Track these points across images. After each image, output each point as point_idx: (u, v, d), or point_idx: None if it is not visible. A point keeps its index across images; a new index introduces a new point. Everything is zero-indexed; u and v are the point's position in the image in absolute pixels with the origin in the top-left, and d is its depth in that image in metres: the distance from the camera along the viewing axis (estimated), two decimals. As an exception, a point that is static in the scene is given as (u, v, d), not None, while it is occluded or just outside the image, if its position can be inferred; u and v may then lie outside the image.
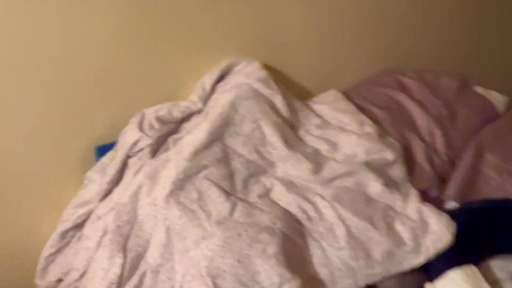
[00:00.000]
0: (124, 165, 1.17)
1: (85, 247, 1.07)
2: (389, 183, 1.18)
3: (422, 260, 1.05)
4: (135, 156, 1.18)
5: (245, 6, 1.29)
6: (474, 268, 1.04)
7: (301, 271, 1.00)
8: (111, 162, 1.19)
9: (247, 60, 1.33)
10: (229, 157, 1.16)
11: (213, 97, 1.28)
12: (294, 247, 1.03)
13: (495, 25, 1.74)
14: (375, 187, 1.15)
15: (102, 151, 1.24)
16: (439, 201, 1.23)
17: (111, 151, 1.23)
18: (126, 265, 1.00)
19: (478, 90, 1.52)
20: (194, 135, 1.15)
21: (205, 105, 1.28)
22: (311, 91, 1.50)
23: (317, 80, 1.50)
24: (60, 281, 1.13)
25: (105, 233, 1.05)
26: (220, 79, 1.31)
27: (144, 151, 1.17)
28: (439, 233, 1.07)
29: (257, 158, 1.18)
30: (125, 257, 1.00)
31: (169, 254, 1.02)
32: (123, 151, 1.17)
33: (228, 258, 0.95)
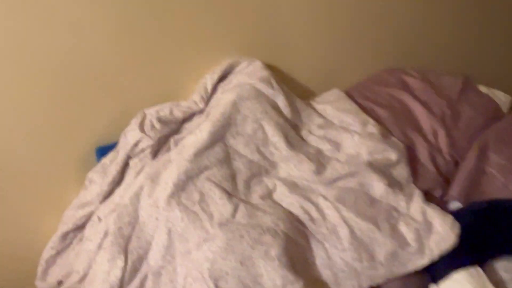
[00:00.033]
0: (125, 166, 1.17)
1: (86, 249, 1.07)
2: (392, 183, 1.17)
3: (426, 261, 1.04)
4: (136, 157, 1.17)
5: (246, 5, 1.28)
6: (478, 269, 1.03)
7: (304, 272, 0.99)
8: (112, 163, 1.18)
9: (248, 59, 1.32)
10: (231, 158, 1.15)
11: (214, 97, 1.27)
12: (297, 248, 1.02)
13: (497, 23, 1.73)
14: (378, 187, 1.14)
15: (103, 152, 1.24)
16: (443, 202, 1.22)
17: (112, 152, 1.22)
18: (127, 268, 0.99)
19: (481, 89, 1.51)
20: (195, 135, 1.14)
21: (206, 105, 1.27)
22: (313, 90, 1.49)
23: (318, 79, 1.49)
24: (60, 283, 1.13)
25: (106, 235, 1.05)
26: (221, 78, 1.31)
27: (145, 152, 1.17)
28: (443, 234, 1.06)
29: (259, 158, 1.18)
30: (126, 259, 1.00)
31: (170, 256, 1.01)
32: (124, 152, 1.17)
33: (230, 260, 0.95)
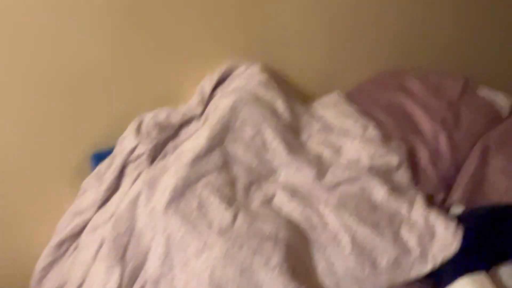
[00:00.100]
0: (121, 173, 1.15)
1: (82, 258, 1.05)
2: (394, 188, 1.15)
3: (429, 268, 1.02)
4: (133, 163, 1.16)
5: (244, 8, 1.27)
6: (483, 275, 1.01)
7: (305, 281, 0.97)
8: (108, 169, 1.16)
9: (247, 63, 1.31)
10: (230, 164, 1.14)
11: (212, 102, 1.26)
12: (297, 256, 1.00)
13: (498, 24, 1.72)
14: (380, 193, 1.12)
15: (98, 158, 1.22)
16: (445, 206, 1.20)
17: (108, 158, 1.21)
18: (124, 277, 0.97)
19: (482, 91, 1.49)
20: (193, 141, 1.13)
21: (204, 109, 1.26)
22: (312, 93, 1.48)
23: (318, 82, 1.48)
24: (55, 293, 1.11)
25: (102, 243, 1.03)
26: (219, 82, 1.29)
27: (142, 158, 1.15)
28: (446, 240, 1.04)
29: (258, 164, 1.16)
30: (123, 269, 0.98)
31: (169, 265, 0.99)
32: (121, 158, 1.15)
33: (230, 269, 0.93)
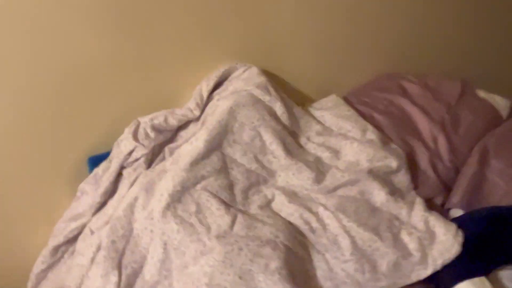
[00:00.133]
0: (118, 176, 1.15)
1: (78, 264, 1.04)
2: (393, 191, 1.15)
3: (429, 271, 1.02)
4: (130, 166, 1.15)
5: (242, 10, 1.26)
6: (483, 279, 1.00)
7: (304, 285, 0.97)
8: (104, 173, 1.15)
9: (245, 65, 1.30)
10: (228, 167, 1.13)
11: (210, 104, 1.25)
12: (297, 260, 0.99)
13: (497, 26, 1.72)
14: (379, 196, 1.12)
15: (95, 161, 1.21)
16: (444, 209, 1.20)
17: (104, 162, 1.20)
18: (121, 283, 0.96)
19: (481, 94, 1.49)
20: (191, 144, 1.12)
21: (202, 112, 1.25)
22: (310, 96, 1.47)
23: (316, 84, 1.47)
24: (51, 299, 1.09)
25: (99, 248, 1.01)
26: (217, 85, 1.28)
27: (139, 162, 1.14)
28: (446, 243, 1.03)
29: (257, 167, 1.15)
30: (120, 274, 0.97)
31: (166, 270, 0.98)
32: (118, 162, 1.14)
33: (229, 274, 0.91)
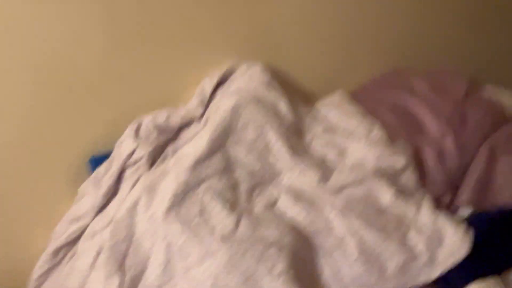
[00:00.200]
0: (120, 177, 1.13)
1: (79, 266, 1.02)
2: (400, 191, 1.12)
3: (438, 273, 0.99)
4: (132, 167, 1.14)
5: (244, 6, 1.25)
6: (494, 280, 0.99)
7: (311, 287, 0.95)
8: (106, 173, 1.14)
9: (248, 62, 1.29)
10: (232, 167, 1.12)
11: (213, 103, 1.23)
12: (303, 262, 0.98)
13: (500, 23, 1.70)
14: (386, 195, 1.10)
15: (96, 162, 1.20)
16: (452, 208, 1.17)
17: (106, 162, 1.18)
18: (124, 286, 0.95)
19: (488, 90, 1.47)
20: (194, 144, 1.11)
21: (205, 111, 1.24)
22: (315, 93, 1.45)
23: (321, 81, 1.46)
24: (52, 302, 1.08)
25: (101, 251, 1.00)
26: (220, 83, 1.27)
27: (141, 162, 1.13)
28: (455, 244, 1.01)
29: (261, 166, 1.14)
30: (122, 277, 0.95)
31: (170, 273, 0.96)
32: (119, 162, 1.13)
33: (234, 276, 0.90)
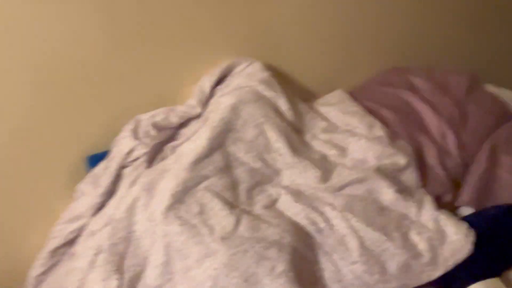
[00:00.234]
0: (118, 176, 1.12)
1: (77, 267, 1.00)
2: (402, 189, 1.12)
3: (440, 272, 0.99)
4: (130, 166, 1.12)
5: (244, 4, 1.24)
6: (496, 280, 0.98)
7: (312, 287, 0.94)
8: (104, 172, 1.13)
9: (247, 60, 1.28)
10: (232, 166, 1.11)
11: (212, 101, 1.22)
12: (304, 262, 0.96)
13: (499, 22, 1.70)
14: (388, 194, 1.09)
15: (94, 161, 1.19)
16: (453, 207, 1.17)
17: (104, 161, 1.17)
18: (122, 287, 0.93)
19: (489, 88, 1.47)
20: (193, 142, 1.09)
21: (204, 109, 1.23)
22: (315, 92, 1.45)
23: (321, 81, 1.45)
24: (50, 303, 1.06)
25: (99, 251, 0.99)
26: (220, 81, 1.26)
27: (139, 161, 1.12)
28: (457, 243, 1.01)
29: (261, 165, 1.13)
30: (121, 278, 0.94)
31: (169, 274, 0.95)
32: (117, 161, 1.12)
33: (234, 277, 0.89)
